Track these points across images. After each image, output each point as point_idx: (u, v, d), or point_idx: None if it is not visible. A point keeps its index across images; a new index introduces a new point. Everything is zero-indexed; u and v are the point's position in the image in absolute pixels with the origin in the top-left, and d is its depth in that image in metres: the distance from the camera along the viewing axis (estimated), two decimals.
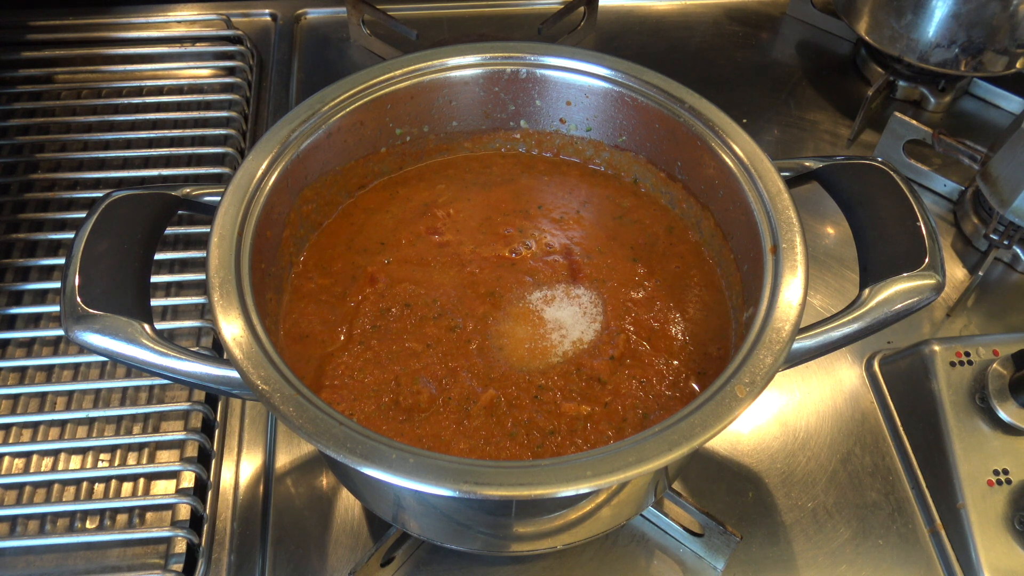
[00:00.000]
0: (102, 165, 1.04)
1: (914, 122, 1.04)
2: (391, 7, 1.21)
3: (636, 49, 1.25)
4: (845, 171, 0.70)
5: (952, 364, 0.82)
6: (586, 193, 0.83)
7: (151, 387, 0.85)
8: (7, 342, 0.89)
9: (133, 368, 0.63)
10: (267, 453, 0.83)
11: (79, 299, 0.59)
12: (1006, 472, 0.77)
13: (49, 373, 0.87)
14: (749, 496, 0.82)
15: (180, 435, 0.81)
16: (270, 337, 0.59)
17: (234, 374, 0.58)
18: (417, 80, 0.78)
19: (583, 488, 0.53)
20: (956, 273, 1.01)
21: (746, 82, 1.22)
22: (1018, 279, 1.00)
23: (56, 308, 0.90)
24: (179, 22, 1.21)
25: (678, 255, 0.78)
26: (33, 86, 1.12)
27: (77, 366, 0.87)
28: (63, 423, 0.83)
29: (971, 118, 1.19)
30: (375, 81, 0.76)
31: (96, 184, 1.01)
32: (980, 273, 0.97)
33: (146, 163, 1.05)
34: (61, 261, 0.93)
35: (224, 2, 1.28)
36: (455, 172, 0.84)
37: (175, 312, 0.91)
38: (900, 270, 0.63)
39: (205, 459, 0.82)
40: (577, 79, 0.79)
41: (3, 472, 0.80)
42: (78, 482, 0.80)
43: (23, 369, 0.87)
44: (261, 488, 0.81)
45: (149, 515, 0.79)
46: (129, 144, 1.06)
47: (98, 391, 0.86)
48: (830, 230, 1.03)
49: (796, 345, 0.61)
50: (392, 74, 0.77)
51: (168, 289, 0.93)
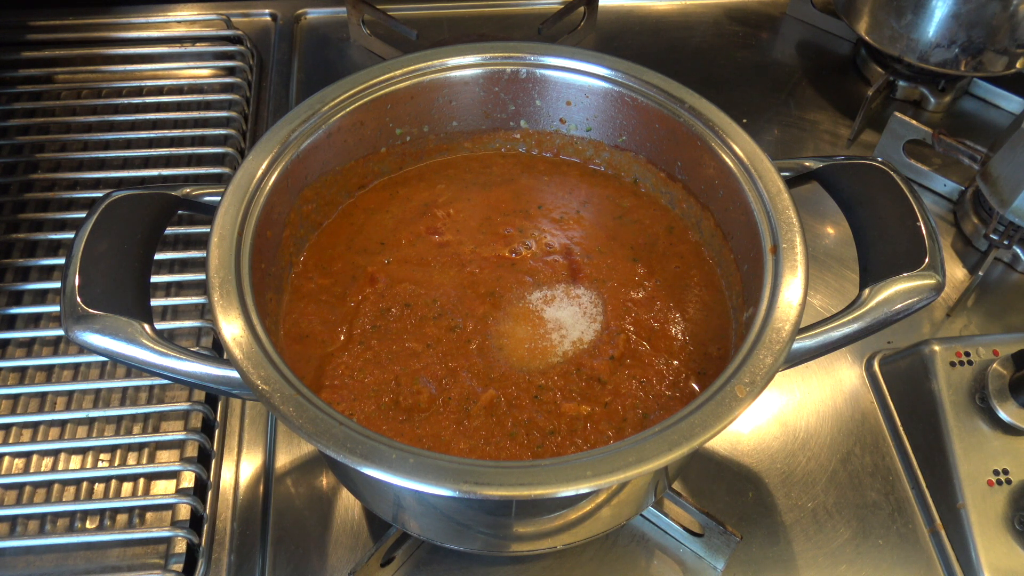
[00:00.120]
0: (102, 165, 1.04)
1: (914, 122, 1.04)
2: (391, 7, 1.21)
3: (636, 49, 1.25)
4: (845, 171, 0.70)
5: (952, 364, 0.82)
6: (586, 193, 0.83)
7: (151, 387, 0.86)
8: (7, 342, 0.89)
9: (133, 368, 0.63)
10: (267, 453, 0.83)
11: (79, 299, 0.59)
12: (1006, 472, 0.77)
13: (49, 373, 0.87)
14: (749, 496, 0.82)
15: (180, 435, 0.81)
16: (270, 337, 0.59)
17: (234, 374, 0.58)
18: (417, 80, 0.78)
19: (583, 488, 0.53)
20: (956, 273, 1.01)
21: (746, 82, 1.22)
22: (1018, 279, 1.00)
23: (56, 308, 0.90)
24: (179, 22, 1.22)
25: (678, 255, 0.78)
26: (33, 86, 1.12)
27: (77, 366, 0.87)
28: (63, 423, 0.83)
29: (971, 118, 1.19)
30: (375, 81, 0.76)
31: (96, 184, 1.01)
32: (980, 273, 0.97)
33: (146, 163, 1.05)
34: (61, 261, 0.93)
35: (224, 2, 1.28)
36: (455, 172, 0.84)
37: (175, 312, 0.91)
38: (900, 270, 0.63)
39: (205, 459, 0.82)
40: (577, 79, 0.79)
41: (3, 472, 0.80)
42: (78, 482, 0.80)
43: (23, 369, 0.87)
44: (261, 488, 0.81)
45: (149, 515, 0.79)
46: (129, 144, 1.06)
47: (98, 391, 0.86)
48: (830, 230, 1.03)
49: (796, 345, 0.61)
50: (392, 74, 0.77)
51: (168, 289, 0.93)
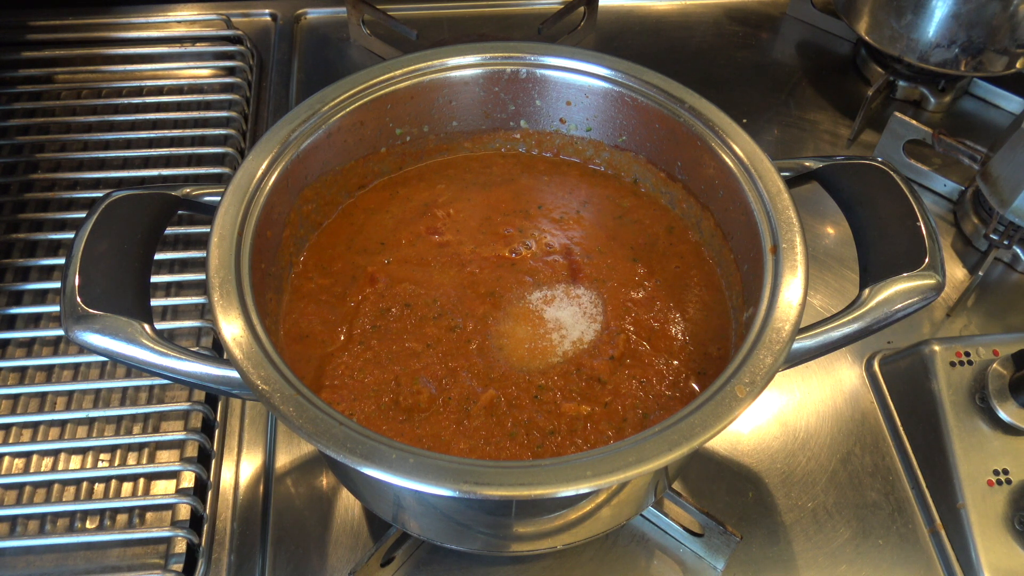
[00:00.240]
0: (102, 165, 1.04)
1: (914, 122, 1.04)
2: (391, 7, 1.21)
3: (636, 49, 1.25)
4: (845, 171, 0.70)
5: (952, 364, 0.82)
6: (586, 193, 0.83)
7: (151, 387, 0.86)
8: (7, 342, 0.89)
9: (133, 368, 0.63)
10: (267, 453, 0.83)
11: (79, 299, 0.59)
12: (1006, 472, 0.77)
13: (49, 373, 0.87)
14: (749, 496, 0.82)
15: (180, 435, 0.81)
16: (270, 337, 0.59)
17: (234, 374, 0.58)
18: (417, 80, 0.78)
19: (583, 488, 0.53)
20: (956, 273, 1.00)
21: (746, 82, 1.22)
22: (1018, 279, 1.00)
23: (56, 308, 0.90)
24: (179, 22, 1.21)
25: (678, 255, 0.78)
26: (33, 86, 1.12)
27: (77, 366, 0.87)
28: (63, 423, 0.83)
29: (971, 118, 1.19)
30: (375, 81, 0.76)
31: (96, 184, 1.01)
32: (980, 273, 0.97)
33: (146, 163, 1.05)
34: (61, 261, 0.93)
35: (224, 2, 1.28)
36: (455, 172, 0.84)
37: (175, 312, 0.91)
38: (900, 270, 0.63)
39: (205, 459, 0.82)
40: (577, 79, 0.79)
41: (3, 472, 0.80)
42: (78, 482, 0.80)
43: (23, 369, 0.87)
44: (261, 488, 0.81)
45: (149, 515, 0.79)
46: (129, 144, 1.06)
47: (98, 391, 0.86)
48: (830, 230, 1.03)
49: (796, 345, 0.61)
50: (392, 74, 0.77)
51: (168, 289, 0.93)
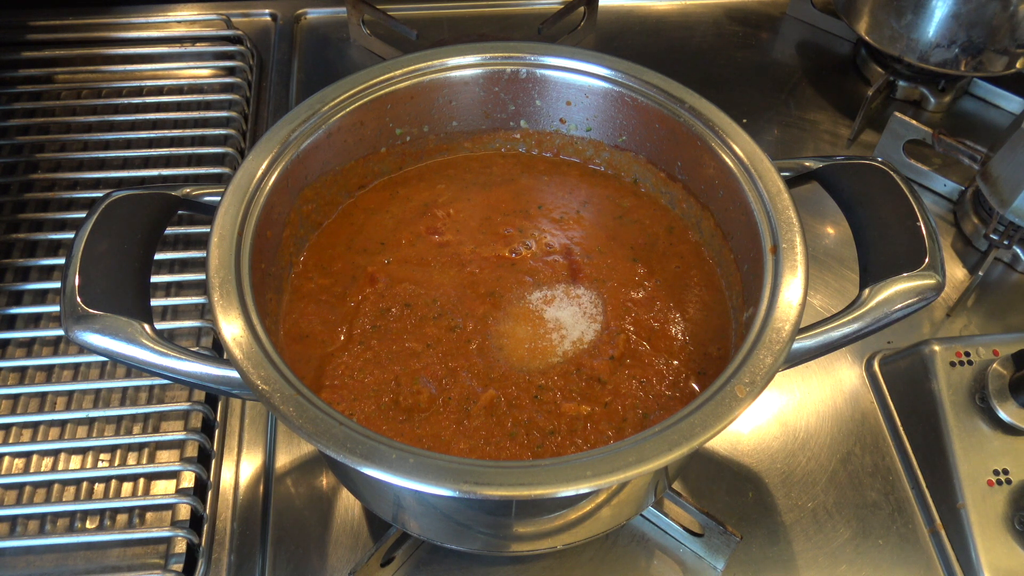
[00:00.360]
0: (102, 165, 1.04)
1: (914, 122, 1.04)
2: (391, 7, 1.21)
3: (636, 49, 1.25)
4: (845, 171, 0.70)
5: (952, 364, 0.82)
6: (586, 193, 0.83)
7: (151, 387, 0.85)
8: (7, 342, 0.89)
9: (133, 368, 0.63)
10: (267, 453, 0.83)
11: (79, 299, 0.59)
12: (1006, 472, 0.77)
13: (49, 373, 0.87)
14: (749, 496, 0.82)
15: (180, 435, 0.81)
16: (270, 337, 0.59)
17: (234, 374, 0.58)
18: (417, 80, 0.78)
19: (583, 488, 0.53)
20: (956, 273, 1.00)
21: (746, 82, 1.22)
22: (1018, 279, 1.00)
23: (56, 308, 0.90)
24: (179, 22, 1.21)
25: (678, 255, 0.78)
26: (33, 86, 1.12)
27: (77, 366, 0.87)
28: (63, 423, 0.83)
29: (971, 118, 1.19)
30: (375, 81, 0.76)
31: (96, 184, 1.01)
32: (980, 273, 0.97)
33: (146, 163, 1.05)
34: (61, 261, 0.93)
35: (224, 2, 1.28)
36: (455, 172, 0.84)
37: (175, 312, 0.91)
38: (900, 270, 0.63)
39: (205, 459, 0.82)
40: (577, 79, 0.79)
41: (3, 472, 0.80)
42: (78, 482, 0.80)
43: (23, 369, 0.87)
44: (261, 488, 0.81)
45: (149, 515, 0.79)
46: (129, 144, 1.06)
47: (98, 391, 0.86)
48: (830, 230, 1.03)
49: (796, 345, 0.61)
50: (392, 74, 0.77)
51: (168, 289, 0.93)
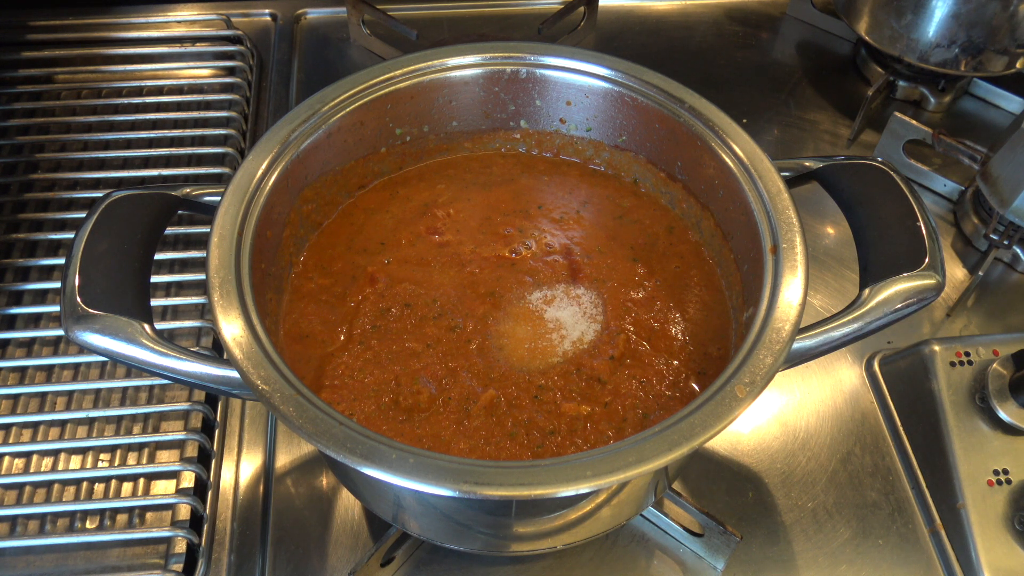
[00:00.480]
0: (102, 165, 1.04)
1: (914, 122, 1.04)
2: (391, 7, 1.21)
3: (636, 49, 1.25)
4: (845, 171, 0.70)
5: (952, 364, 0.82)
6: (586, 193, 0.83)
7: (151, 387, 0.85)
8: (7, 342, 0.89)
9: (133, 368, 0.63)
10: (267, 453, 0.83)
11: (79, 299, 0.59)
12: (1006, 472, 0.77)
13: (49, 373, 0.87)
14: (749, 496, 0.82)
15: (180, 435, 0.81)
16: (270, 337, 0.59)
17: (234, 374, 0.58)
18: (417, 80, 0.78)
19: (583, 488, 0.53)
20: (956, 273, 1.01)
21: (746, 82, 1.22)
22: (1018, 279, 1.00)
23: (56, 308, 0.90)
24: (179, 22, 1.22)
25: (678, 255, 0.78)
26: (33, 86, 1.12)
27: (77, 366, 0.87)
28: (63, 423, 0.83)
29: (971, 118, 1.19)
30: (375, 81, 0.76)
31: (96, 184, 1.01)
32: (980, 273, 0.97)
33: (146, 163, 1.05)
34: (61, 261, 0.93)
35: (224, 2, 1.28)
36: (455, 172, 0.84)
37: (175, 312, 0.91)
38: (900, 270, 0.63)
39: (205, 459, 0.82)
40: (577, 79, 0.79)
41: (3, 472, 0.80)
42: (78, 482, 0.80)
43: (23, 369, 0.87)
44: (261, 488, 0.81)
45: (149, 515, 0.79)
46: (129, 144, 1.06)
47: (98, 391, 0.86)
48: (830, 230, 1.03)
49: (796, 345, 0.61)
50: (392, 74, 0.77)
51: (168, 289, 0.93)
